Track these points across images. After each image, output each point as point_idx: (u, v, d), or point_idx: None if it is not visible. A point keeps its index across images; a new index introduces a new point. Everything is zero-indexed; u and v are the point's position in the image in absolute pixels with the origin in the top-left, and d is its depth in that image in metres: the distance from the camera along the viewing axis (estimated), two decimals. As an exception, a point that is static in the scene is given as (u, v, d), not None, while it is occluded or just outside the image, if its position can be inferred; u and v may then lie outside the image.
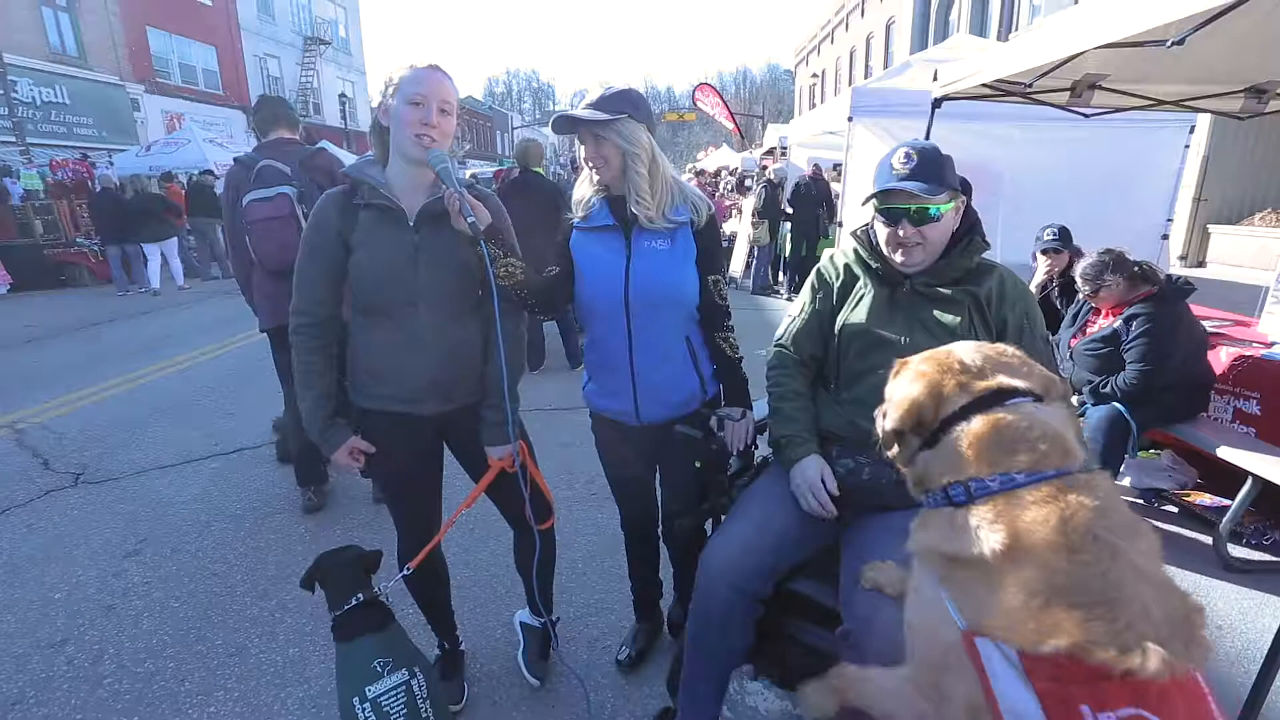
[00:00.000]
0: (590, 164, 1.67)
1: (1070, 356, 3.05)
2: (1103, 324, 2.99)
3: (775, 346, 1.79)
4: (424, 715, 1.54)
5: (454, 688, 2.00)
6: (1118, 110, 3.72)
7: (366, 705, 1.50)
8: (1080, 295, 3.13)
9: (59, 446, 4.10)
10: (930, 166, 1.48)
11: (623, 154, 1.62)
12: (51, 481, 3.62)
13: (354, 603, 1.63)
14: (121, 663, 2.22)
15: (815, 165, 8.77)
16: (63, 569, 2.78)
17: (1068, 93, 3.34)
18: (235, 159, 3.01)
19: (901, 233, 1.51)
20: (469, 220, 1.52)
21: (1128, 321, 2.82)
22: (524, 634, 2.15)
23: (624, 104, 1.60)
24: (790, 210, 8.59)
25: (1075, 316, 3.23)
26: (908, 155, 1.50)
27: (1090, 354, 2.95)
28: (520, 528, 1.93)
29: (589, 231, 1.74)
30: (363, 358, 1.69)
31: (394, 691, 1.52)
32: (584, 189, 1.75)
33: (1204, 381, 2.94)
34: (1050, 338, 1.53)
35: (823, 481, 1.52)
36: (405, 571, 1.77)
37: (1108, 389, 2.84)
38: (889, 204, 1.51)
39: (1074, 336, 3.09)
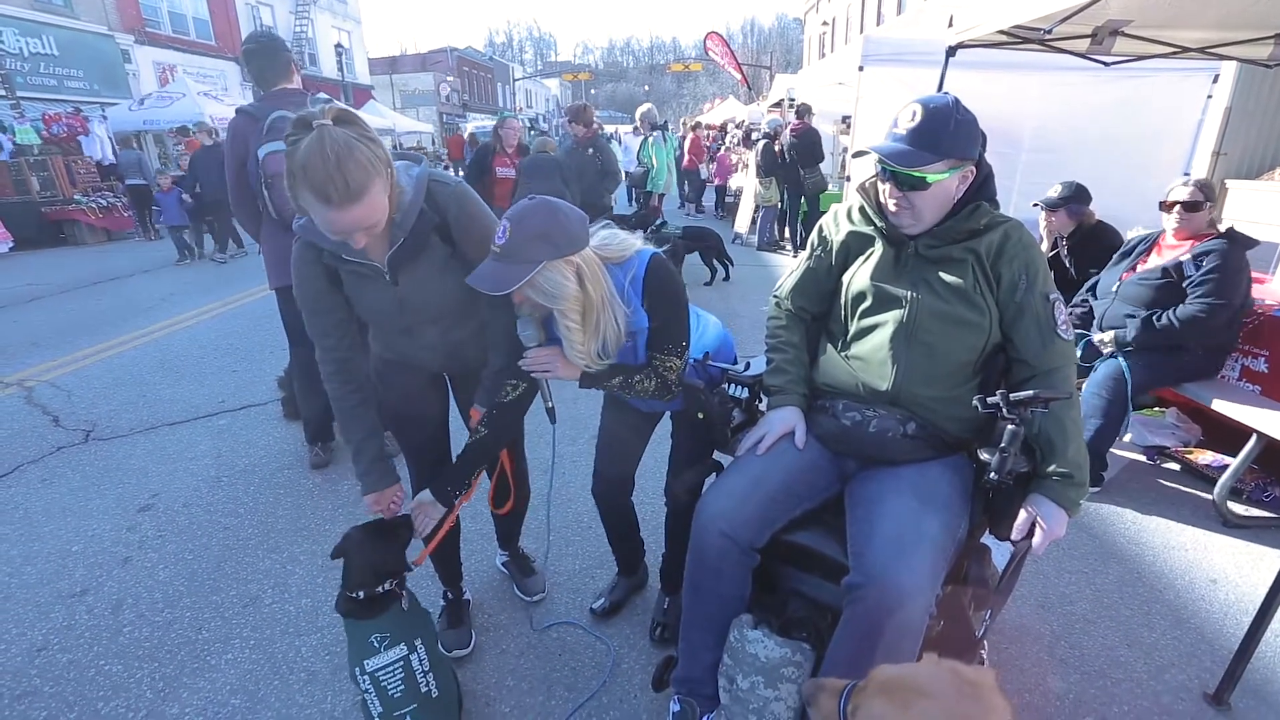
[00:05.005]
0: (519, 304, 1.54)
1: (1115, 291, 2.99)
2: (1156, 260, 2.94)
3: (772, 299, 1.82)
4: (424, 689, 1.56)
5: (460, 635, 2.07)
6: (1140, 58, 3.58)
7: (366, 677, 1.53)
8: (1137, 236, 3.11)
9: (68, 404, 4.14)
10: (930, 132, 1.41)
11: (549, 298, 1.46)
12: (62, 438, 3.67)
13: (354, 596, 1.58)
14: (140, 611, 2.28)
15: (802, 108, 8.21)
16: (78, 522, 2.84)
17: (1088, 39, 3.21)
18: (239, 109, 2.87)
19: (888, 190, 1.49)
20: (548, 405, 1.70)
21: (1197, 259, 2.76)
22: (508, 569, 2.39)
23: (539, 247, 1.40)
24: (786, 159, 8.30)
25: (1128, 254, 3.13)
26: (914, 114, 1.43)
27: (1145, 284, 2.87)
28: (498, 480, 2.04)
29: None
30: (377, 337, 1.81)
31: (390, 667, 1.54)
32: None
33: (1229, 341, 2.90)
34: (1053, 296, 1.50)
35: (792, 432, 1.61)
36: (413, 568, 1.73)
37: (1163, 321, 2.76)
38: (880, 162, 1.48)
39: (1126, 272, 3.03)
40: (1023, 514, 1.42)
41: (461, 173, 8.47)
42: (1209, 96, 5.51)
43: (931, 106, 1.43)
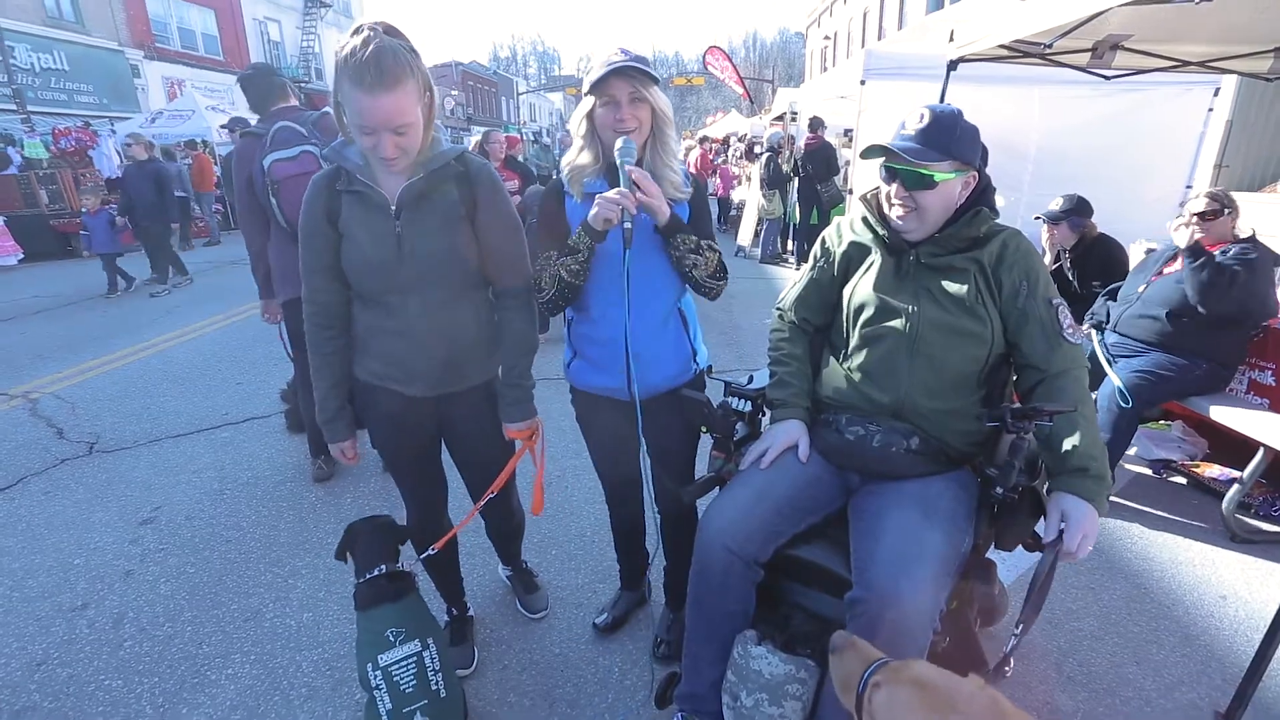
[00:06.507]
0: (615, 128, 1.57)
1: (1140, 294, 2.98)
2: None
3: (775, 311, 1.83)
4: (434, 687, 1.57)
5: (464, 652, 2.05)
6: (1141, 72, 3.60)
7: (379, 673, 1.54)
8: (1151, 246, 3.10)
9: (72, 416, 4.15)
10: (939, 133, 1.45)
11: (656, 117, 1.59)
12: (66, 450, 3.68)
13: (376, 573, 1.66)
14: (141, 626, 2.27)
15: (814, 121, 8.23)
16: (80, 535, 2.84)
17: (1089, 54, 3.23)
18: (243, 133, 2.94)
19: (894, 190, 1.51)
20: (625, 225, 1.51)
21: (1224, 250, 2.76)
22: (510, 582, 2.39)
23: (650, 69, 1.56)
24: (802, 173, 8.31)
25: (1146, 263, 3.12)
26: (921, 117, 1.47)
27: (1175, 284, 2.85)
28: (487, 505, 1.89)
29: (586, 204, 1.66)
30: (358, 333, 1.69)
31: (404, 662, 1.56)
32: (584, 157, 1.65)
33: (1238, 356, 2.89)
34: (1056, 301, 1.50)
35: (795, 445, 1.61)
36: (431, 551, 1.81)
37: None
38: (888, 161, 1.50)
39: (1154, 275, 3.02)
40: (1050, 515, 1.37)
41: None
42: (1210, 110, 5.53)
43: (938, 111, 1.48)
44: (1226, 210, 2.85)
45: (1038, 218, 3.58)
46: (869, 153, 1.53)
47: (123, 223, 7.85)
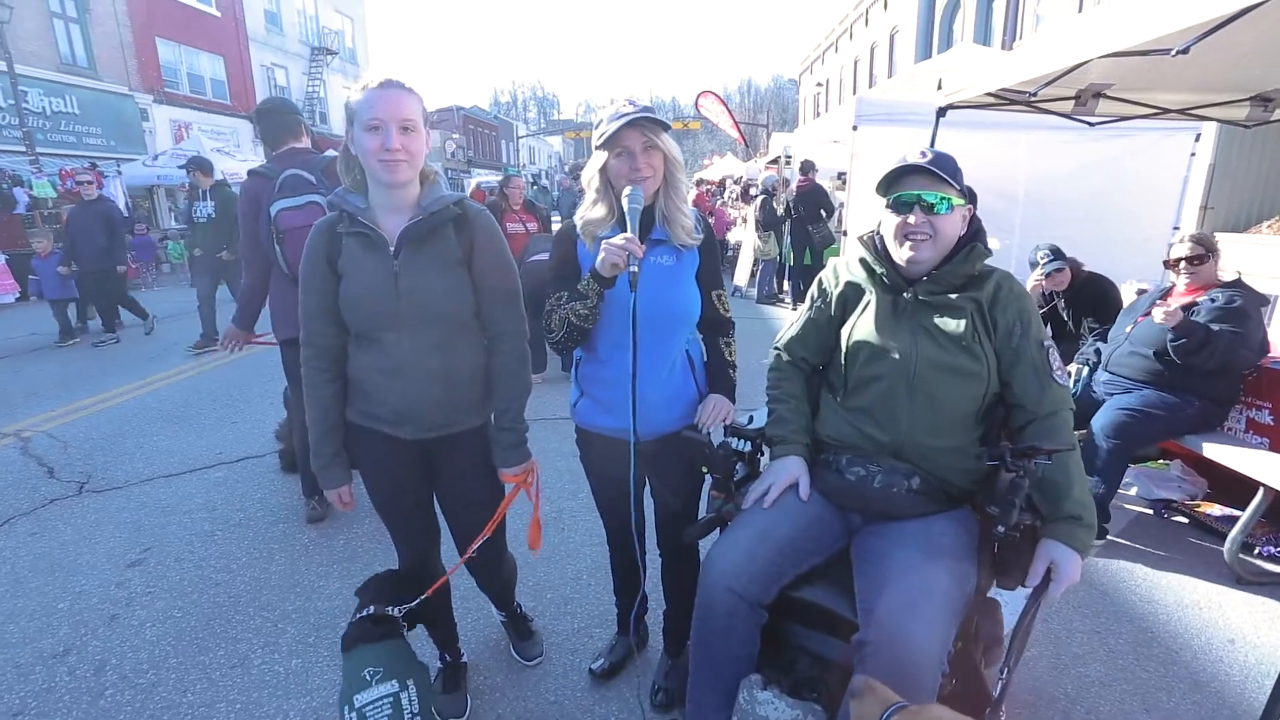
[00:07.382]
0: (631, 178, 1.59)
1: (1127, 334, 3.02)
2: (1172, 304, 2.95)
3: (773, 350, 1.84)
4: None
5: (457, 700, 1.99)
6: (1123, 119, 3.71)
7: (354, 714, 1.50)
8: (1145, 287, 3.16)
9: (64, 455, 4.11)
10: (944, 163, 1.51)
11: (668, 162, 1.63)
12: (56, 490, 3.63)
13: (363, 615, 1.64)
14: (124, 673, 2.21)
15: (805, 164, 8.44)
16: (66, 578, 2.78)
17: (1073, 101, 3.33)
18: (251, 171, 2.94)
19: (912, 219, 1.50)
20: (631, 269, 1.50)
21: (1212, 298, 2.80)
22: (504, 628, 2.32)
23: (658, 116, 1.60)
24: (794, 214, 8.47)
25: (1136, 304, 3.17)
26: (923, 152, 1.53)
27: (1159, 326, 2.85)
28: (478, 560, 1.84)
29: (598, 248, 1.68)
30: (352, 373, 1.68)
31: (379, 702, 1.52)
32: (598, 211, 1.68)
33: (1231, 395, 2.90)
34: (1047, 343, 1.53)
35: (796, 483, 1.60)
36: (422, 598, 1.76)
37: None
38: (902, 190, 1.52)
39: (1141, 316, 3.05)
40: (1037, 561, 1.40)
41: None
42: (1192, 154, 5.68)
43: (935, 148, 1.54)
44: (1211, 254, 2.90)
45: (1039, 278, 3.59)
46: (887, 181, 1.55)
47: (67, 271, 7.12)
